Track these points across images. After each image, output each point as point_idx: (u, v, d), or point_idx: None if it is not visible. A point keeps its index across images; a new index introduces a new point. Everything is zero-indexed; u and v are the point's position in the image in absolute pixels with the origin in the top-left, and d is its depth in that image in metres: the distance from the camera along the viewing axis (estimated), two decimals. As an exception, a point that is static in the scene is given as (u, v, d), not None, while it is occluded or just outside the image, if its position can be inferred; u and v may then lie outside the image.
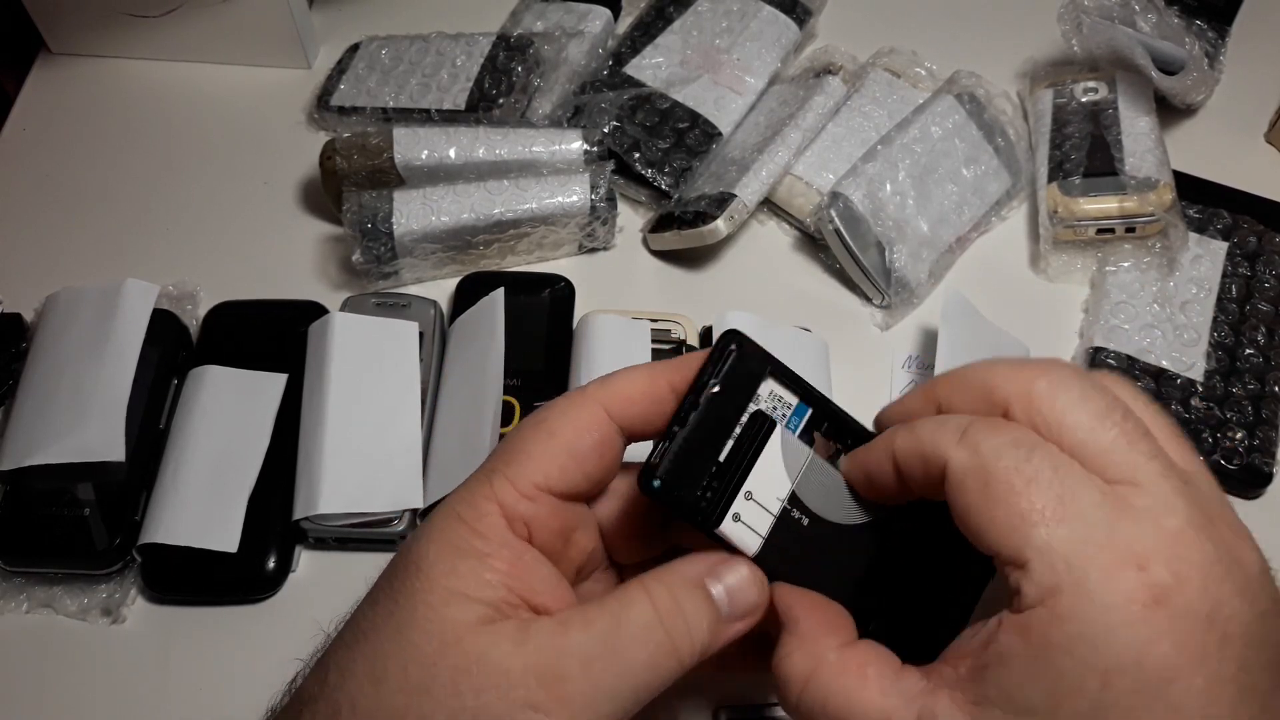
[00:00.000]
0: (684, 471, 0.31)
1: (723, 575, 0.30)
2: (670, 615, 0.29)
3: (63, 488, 0.51)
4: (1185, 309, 0.58)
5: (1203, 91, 0.66)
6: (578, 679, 0.28)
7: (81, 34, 0.70)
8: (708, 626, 0.30)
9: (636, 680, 0.28)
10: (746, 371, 0.32)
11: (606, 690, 0.28)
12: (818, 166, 0.62)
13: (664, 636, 0.29)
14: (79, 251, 0.63)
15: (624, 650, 0.29)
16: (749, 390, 0.32)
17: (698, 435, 0.31)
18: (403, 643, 0.29)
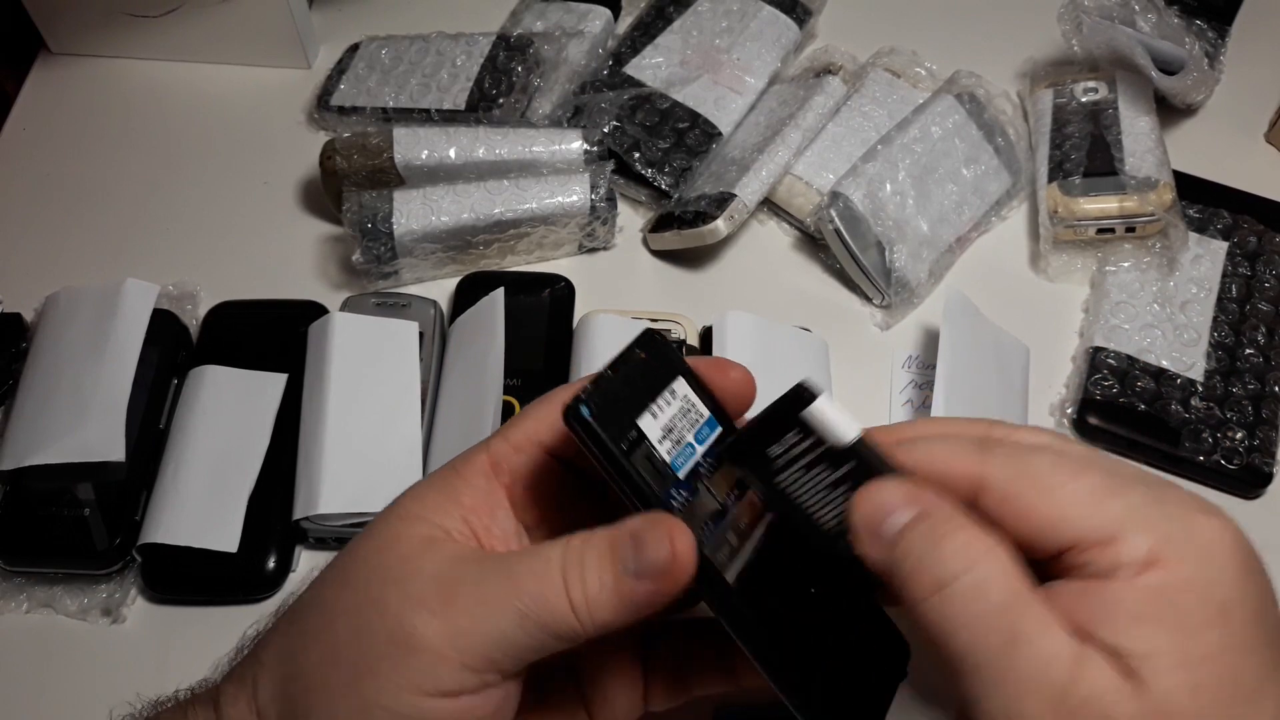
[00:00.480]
0: (612, 414, 0.31)
1: (632, 527, 0.30)
2: (573, 557, 0.30)
3: (63, 488, 0.51)
4: (1185, 309, 0.58)
5: (1203, 91, 0.66)
6: (469, 591, 0.30)
7: (81, 34, 0.70)
8: (609, 580, 0.30)
9: (523, 607, 0.29)
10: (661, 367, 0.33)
11: (492, 609, 0.29)
12: (818, 166, 0.62)
13: (558, 576, 0.30)
14: (79, 251, 0.63)
15: (518, 578, 0.30)
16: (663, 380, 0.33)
17: (626, 390, 0.31)
18: (352, 547, 0.32)
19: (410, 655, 0.29)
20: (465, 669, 0.29)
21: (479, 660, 0.29)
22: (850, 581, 0.31)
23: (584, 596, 0.29)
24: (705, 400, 0.33)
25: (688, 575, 0.29)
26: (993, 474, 0.29)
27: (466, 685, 0.29)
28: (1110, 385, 0.56)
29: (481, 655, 0.29)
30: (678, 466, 0.32)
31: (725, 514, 0.32)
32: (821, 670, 0.31)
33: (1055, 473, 0.29)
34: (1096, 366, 0.56)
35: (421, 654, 0.29)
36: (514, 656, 0.30)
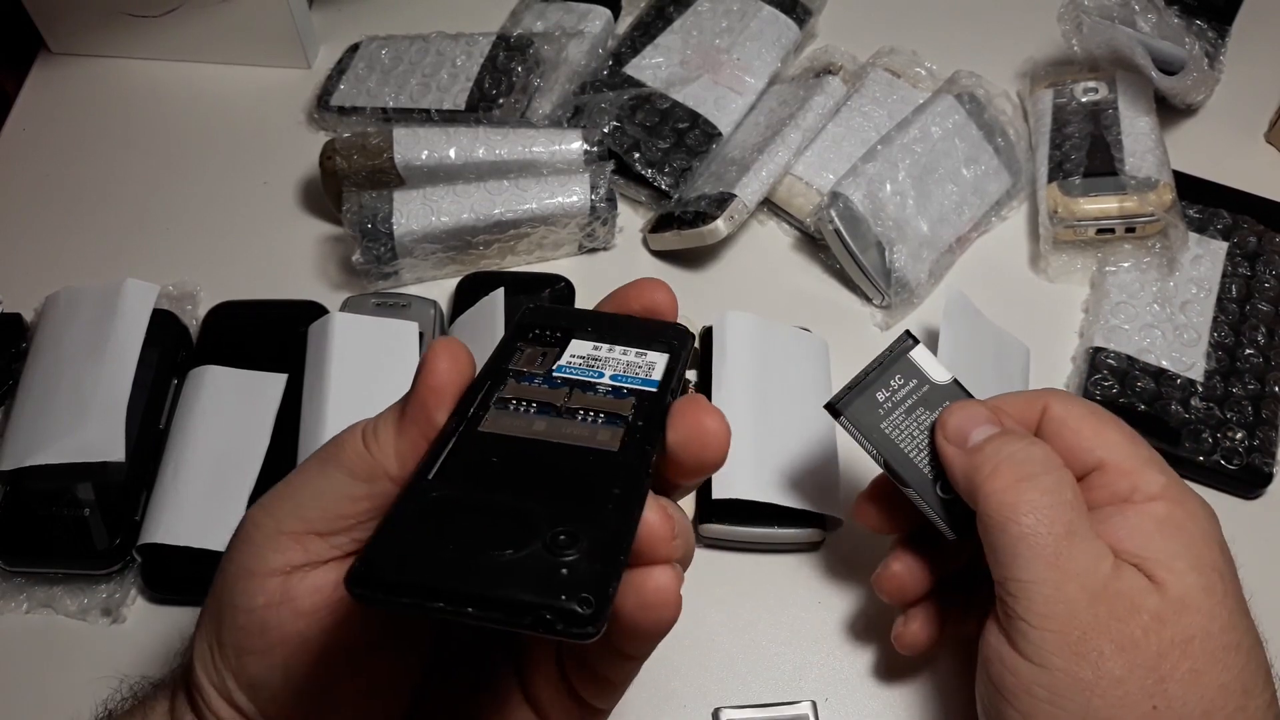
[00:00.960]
0: (549, 314, 0.32)
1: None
2: (370, 418, 0.31)
3: (63, 488, 0.51)
4: (1185, 309, 0.58)
5: (1203, 91, 0.66)
6: (292, 472, 0.32)
7: (81, 34, 0.70)
8: (392, 412, 0.31)
9: (322, 454, 0.31)
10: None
11: (300, 471, 0.31)
12: (818, 166, 0.62)
13: (355, 428, 0.31)
14: (79, 251, 0.63)
15: (324, 445, 0.31)
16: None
17: (586, 320, 0.32)
18: None
19: (238, 540, 0.31)
20: (281, 535, 0.30)
21: (292, 521, 0.30)
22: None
23: (374, 430, 0.31)
24: (668, 373, 0.31)
25: (446, 377, 0.30)
26: (1055, 401, 0.38)
27: (291, 557, 0.30)
28: (1110, 385, 0.56)
29: (293, 515, 0.30)
30: (562, 371, 0.31)
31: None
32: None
33: (1099, 413, 0.38)
34: (1096, 366, 0.56)
35: (245, 532, 0.31)
36: (326, 510, 0.30)
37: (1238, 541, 0.37)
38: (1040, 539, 0.34)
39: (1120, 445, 0.37)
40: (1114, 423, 0.38)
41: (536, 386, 0.30)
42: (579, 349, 0.31)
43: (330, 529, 0.30)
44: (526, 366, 0.31)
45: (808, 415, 0.53)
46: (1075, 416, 0.38)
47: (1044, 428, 0.38)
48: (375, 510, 0.30)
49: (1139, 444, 0.37)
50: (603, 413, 0.29)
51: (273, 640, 0.30)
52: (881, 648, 0.49)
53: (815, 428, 0.52)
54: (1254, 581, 0.37)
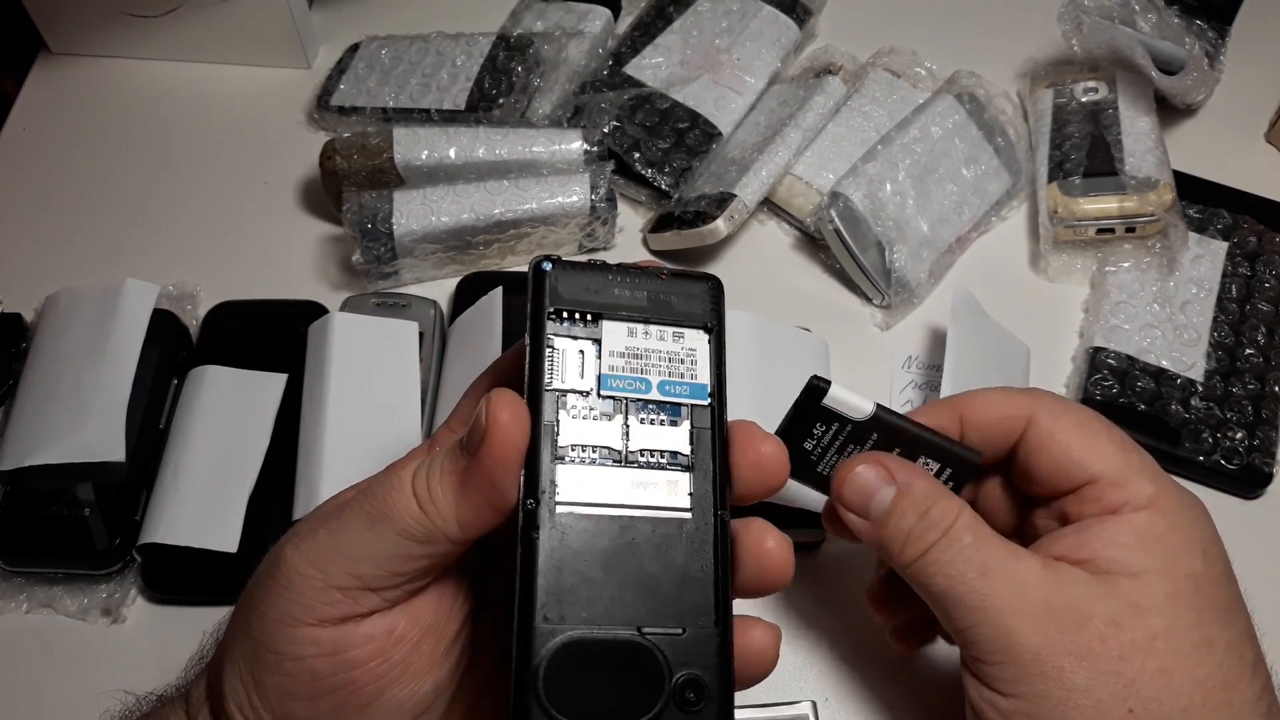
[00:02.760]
0: (572, 280, 0.31)
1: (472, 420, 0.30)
2: (421, 465, 0.30)
3: (63, 488, 0.51)
4: (1185, 309, 0.58)
5: (1203, 91, 0.66)
6: (333, 515, 0.30)
7: (81, 34, 0.70)
8: (449, 465, 0.29)
9: (373, 510, 0.30)
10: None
11: (347, 520, 0.30)
12: (818, 166, 0.62)
13: (407, 476, 0.30)
14: (79, 251, 0.63)
15: (373, 489, 0.30)
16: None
17: (615, 288, 0.31)
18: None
19: (279, 582, 0.30)
20: (332, 589, 0.29)
21: (341, 575, 0.29)
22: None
23: (427, 486, 0.29)
24: (715, 369, 0.31)
25: (509, 445, 0.28)
26: (1041, 410, 0.36)
27: (340, 609, 0.29)
28: (1110, 385, 0.56)
29: (344, 570, 0.29)
30: (609, 384, 0.30)
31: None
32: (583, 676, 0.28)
33: (1089, 424, 0.36)
34: (1096, 366, 0.56)
35: (288, 578, 0.29)
36: (380, 568, 0.29)
37: (1238, 542, 0.37)
38: (959, 590, 0.33)
39: (1112, 458, 0.36)
40: (1105, 432, 0.36)
41: (591, 420, 0.29)
42: (615, 340, 0.30)
43: (383, 585, 0.29)
44: (571, 381, 0.30)
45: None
46: (1064, 429, 0.36)
47: (1030, 441, 0.37)
48: (433, 568, 0.30)
49: (1130, 452, 0.36)
50: (664, 454, 0.30)
51: (322, 688, 0.30)
52: (882, 648, 0.49)
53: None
54: (1254, 581, 0.37)
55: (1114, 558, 0.34)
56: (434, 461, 0.30)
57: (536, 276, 0.30)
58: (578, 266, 0.30)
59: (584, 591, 0.28)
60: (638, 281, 0.31)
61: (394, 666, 0.30)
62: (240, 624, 0.31)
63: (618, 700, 0.27)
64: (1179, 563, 0.34)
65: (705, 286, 0.31)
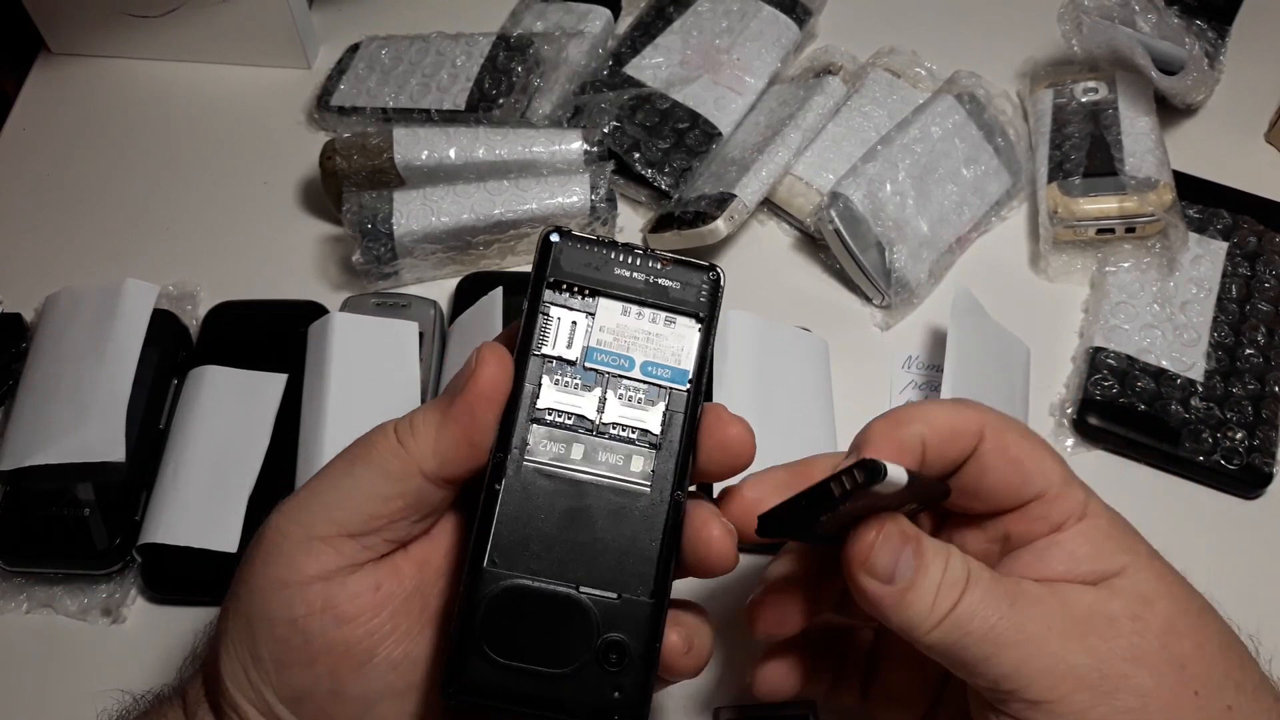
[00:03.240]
0: (577, 254, 0.32)
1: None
2: (404, 415, 0.31)
3: (63, 488, 0.51)
4: (1185, 309, 0.58)
5: (1203, 91, 0.66)
6: (319, 477, 0.31)
7: (81, 34, 0.70)
8: (433, 404, 0.31)
9: (353, 453, 0.31)
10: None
11: (329, 472, 0.31)
12: (818, 166, 0.62)
13: (388, 426, 0.31)
14: (79, 251, 0.63)
15: (351, 444, 0.31)
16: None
17: (616, 266, 0.32)
18: None
19: (265, 548, 0.30)
20: (313, 540, 0.30)
21: (322, 524, 0.30)
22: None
23: (409, 425, 0.30)
24: (699, 357, 0.32)
25: (494, 386, 0.30)
26: (990, 424, 0.34)
27: (324, 562, 0.30)
28: (1110, 385, 0.56)
29: (324, 519, 0.30)
30: (593, 357, 0.32)
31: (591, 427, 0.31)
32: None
33: (1034, 440, 0.35)
34: (1096, 366, 0.56)
35: (272, 540, 0.30)
36: (355, 511, 0.30)
37: (1238, 542, 0.37)
38: (1000, 629, 0.31)
39: (1054, 471, 0.34)
40: (1046, 447, 0.35)
41: (570, 389, 0.31)
42: (608, 317, 0.32)
43: (362, 530, 0.30)
44: (559, 349, 0.31)
45: (808, 415, 0.53)
46: (1014, 444, 0.34)
47: (982, 456, 0.34)
48: (407, 509, 0.30)
49: (1061, 461, 0.35)
50: (635, 430, 0.31)
51: (316, 650, 0.30)
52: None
53: (815, 427, 0.52)
54: (1254, 581, 0.37)
55: (1090, 569, 0.33)
56: (416, 409, 0.31)
57: (543, 246, 0.31)
58: (585, 241, 0.31)
59: (534, 545, 0.30)
60: (640, 263, 0.32)
61: (384, 623, 0.31)
62: (231, 605, 0.31)
63: (547, 650, 0.29)
64: (1140, 550, 0.34)
65: (704, 276, 0.32)
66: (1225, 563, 0.47)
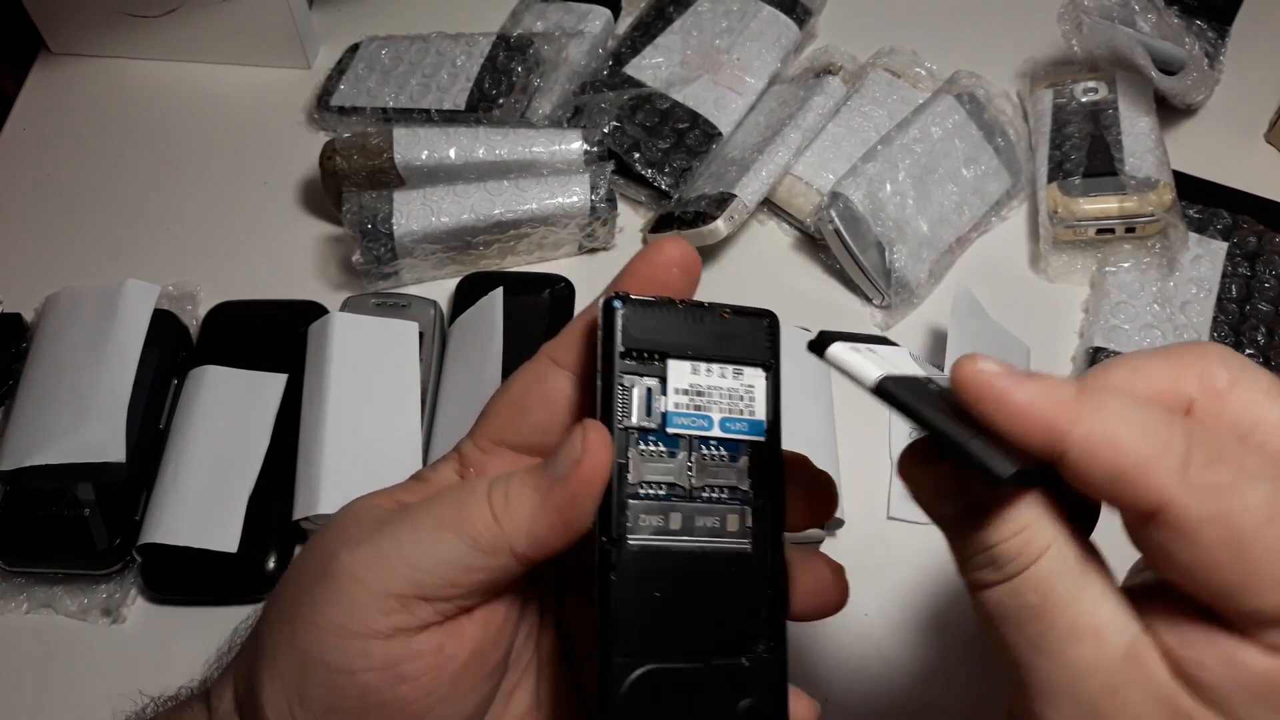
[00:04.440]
0: (642, 319, 0.31)
1: (560, 445, 0.30)
2: (498, 479, 0.30)
3: (63, 488, 0.51)
4: (1185, 309, 0.58)
5: (1203, 91, 0.66)
6: (398, 517, 0.30)
7: (81, 34, 0.70)
8: (529, 481, 0.29)
9: (443, 517, 0.29)
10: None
11: (413, 526, 0.29)
12: (818, 166, 0.62)
13: (482, 488, 0.29)
14: (79, 251, 0.63)
15: (443, 497, 0.30)
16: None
17: (680, 327, 0.31)
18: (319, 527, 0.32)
19: (332, 590, 0.29)
20: (388, 596, 0.28)
21: (400, 581, 0.28)
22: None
23: (504, 499, 0.29)
24: (771, 405, 0.32)
25: (600, 473, 0.28)
26: (1181, 512, 0.23)
27: (394, 619, 0.29)
28: (1110, 385, 0.56)
29: (404, 577, 0.28)
30: (674, 422, 0.31)
31: (687, 496, 0.31)
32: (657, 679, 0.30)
33: (1259, 539, 0.23)
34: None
35: (343, 584, 0.29)
36: (439, 577, 0.29)
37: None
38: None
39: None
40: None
41: (657, 456, 0.31)
42: (679, 378, 0.31)
43: (439, 595, 0.29)
44: (640, 419, 0.31)
45: (809, 415, 0.53)
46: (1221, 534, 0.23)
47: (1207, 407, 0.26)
48: (488, 583, 0.29)
49: None
50: (725, 489, 0.31)
51: (370, 705, 0.29)
52: (883, 647, 0.49)
53: (815, 428, 0.52)
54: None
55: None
56: (511, 477, 0.30)
57: (608, 315, 0.30)
58: (646, 304, 0.31)
59: (656, 627, 0.30)
60: (702, 318, 0.32)
61: (442, 685, 0.30)
62: (283, 634, 0.30)
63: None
64: None
65: (763, 324, 0.32)
66: (1225, 563, 0.47)
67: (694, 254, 0.32)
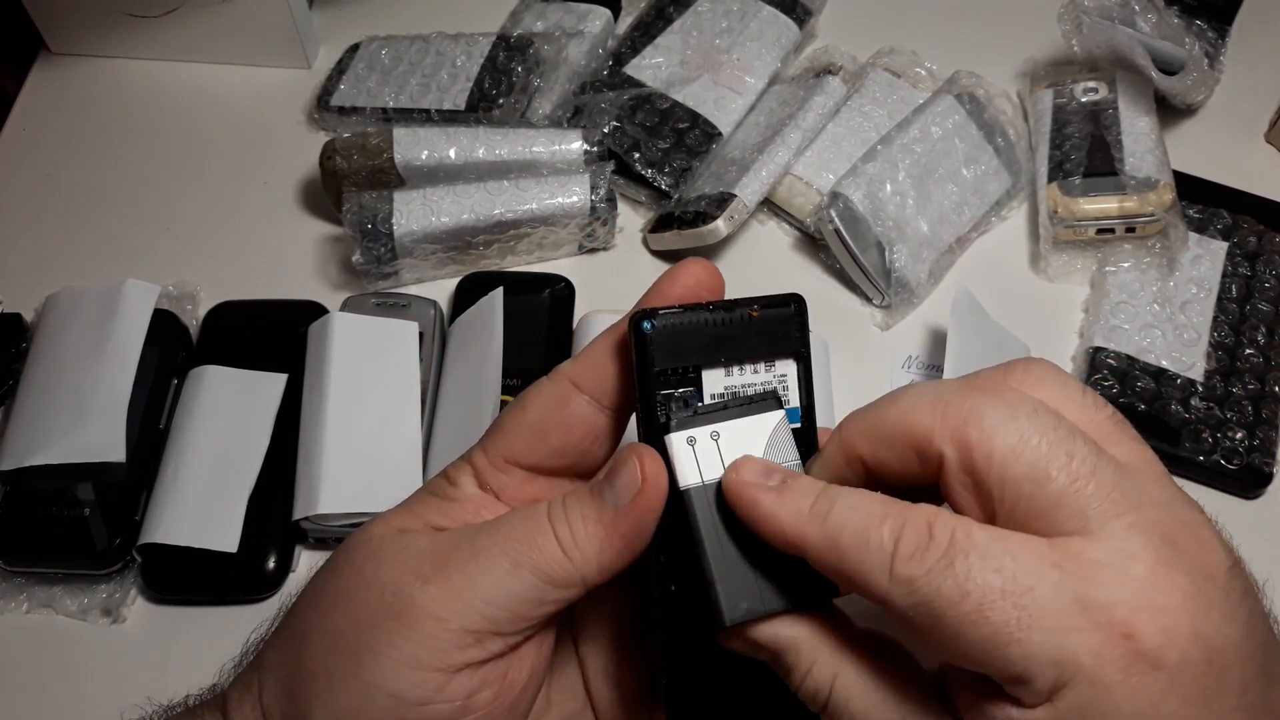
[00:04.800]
0: (674, 336, 0.30)
1: (611, 469, 0.30)
2: (558, 503, 0.30)
3: (63, 488, 0.51)
4: (1185, 309, 0.58)
5: (1203, 91, 0.66)
6: (463, 552, 0.29)
7: (81, 34, 0.70)
8: (592, 513, 0.29)
9: (515, 554, 0.29)
10: (784, 334, 0.32)
11: (485, 562, 0.29)
12: (818, 166, 0.62)
13: (544, 519, 0.30)
14: (79, 251, 0.63)
15: (509, 528, 0.30)
16: (774, 351, 0.31)
17: (709, 335, 0.31)
18: (344, 543, 0.32)
19: (408, 626, 0.29)
20: (465, 633, 0.29)
21: (478, 619, 0.29)
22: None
23: (570, 533, 0.29)
24: (804, 391, 0.32)
25: (660, 498, 0.29)
26: (894, 605, 0.26)
27: (468, 654, 0.29)
28: (1110, 385, 0.56)
29: (480, 614, 0.29)
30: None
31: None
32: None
33: (956, 612, 0.25)
34: (1096, 366, 0.56)
35: (420, 622, 0.29)
36: (513, 611, 0.29)
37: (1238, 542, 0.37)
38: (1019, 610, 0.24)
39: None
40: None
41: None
42: (714, 383, 0.31)
43: (511, 629, 0.29)
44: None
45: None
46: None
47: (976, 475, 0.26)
48: (557, 612, 0.30)
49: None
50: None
51: None
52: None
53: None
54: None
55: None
56: (570, 506, 0.30)
57: (639, 338, 0.30)
58: (675, 318, 0.30)
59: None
60: (730, 321, 0.31)
61: (502, 713, 0.30)
62: (343, 665, 0.29)
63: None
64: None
65: (790, 312, 0.31)
66: (1225, 563, 0.47)
67: (717, 274, 0.31)
